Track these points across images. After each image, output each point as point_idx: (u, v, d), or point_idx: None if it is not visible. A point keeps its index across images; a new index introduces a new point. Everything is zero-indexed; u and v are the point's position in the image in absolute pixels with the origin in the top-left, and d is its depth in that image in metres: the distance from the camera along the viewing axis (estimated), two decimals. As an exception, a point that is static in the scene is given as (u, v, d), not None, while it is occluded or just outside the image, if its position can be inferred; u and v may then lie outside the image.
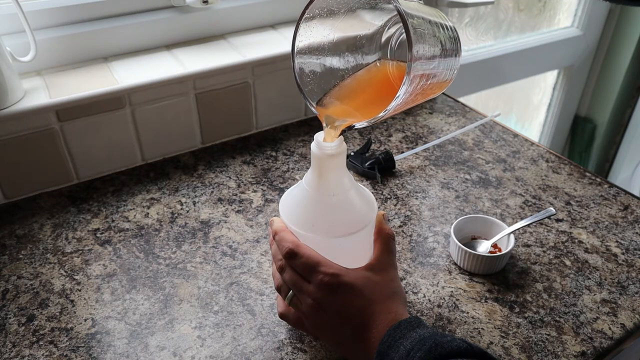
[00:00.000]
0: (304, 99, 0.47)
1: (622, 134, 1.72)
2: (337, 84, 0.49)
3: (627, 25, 1.54)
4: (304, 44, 0.46)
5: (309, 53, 0.46)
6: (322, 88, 0.48)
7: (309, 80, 0.47)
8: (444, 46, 0.44)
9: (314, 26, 0.45)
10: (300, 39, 0.45)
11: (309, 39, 0.46)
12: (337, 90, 0.49)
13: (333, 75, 0.48)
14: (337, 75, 0.48)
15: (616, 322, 0.59)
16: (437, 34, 0.43)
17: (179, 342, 0.56)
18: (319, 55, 0.47)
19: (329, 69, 0.48)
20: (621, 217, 0.75)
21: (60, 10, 0.77)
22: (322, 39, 0.46)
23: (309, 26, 0.45)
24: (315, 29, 0.45)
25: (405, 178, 0.82)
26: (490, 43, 1.38)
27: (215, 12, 0.87)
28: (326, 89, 0.48)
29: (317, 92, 0.48)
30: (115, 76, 0.76)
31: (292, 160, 0.86)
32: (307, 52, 0.46)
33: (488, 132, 0.94)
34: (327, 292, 0.47)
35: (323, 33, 0.46)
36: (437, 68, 0.44)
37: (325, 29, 0.46)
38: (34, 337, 0.56)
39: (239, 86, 0.86)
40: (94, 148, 0.78)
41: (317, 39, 0.46)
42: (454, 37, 0.47)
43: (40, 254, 0.67)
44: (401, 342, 0.43)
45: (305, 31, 0.45)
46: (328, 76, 0.48)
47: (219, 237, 0.70)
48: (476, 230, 0.68)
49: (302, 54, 0.46)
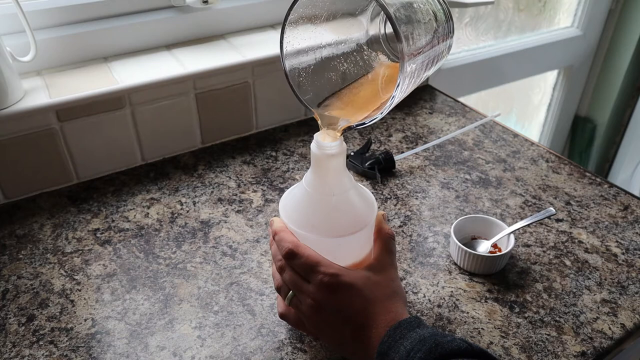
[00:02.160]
0: (301, 103, 0.47)
1: (622, 134, 1.72)
2: (333, 81, 0.48)
3: (627, 25, 1.54)
4: (292, 46, 0.45)
5: (297, 54, 0.46)
6: (316, 85, 0.48)
7: (302, 79, 0.47)
8: (437, 32, 0.43)
9: (300, 26, 0.44)
10: (288, 41, 0.45)
11: (297, 39, 0.45)
12: (335, 94, 0.48)
13: (325, 68, 0.47)
14: (329, 66, 0.48)
15: (616, 322, 0.59)
16: (428, 19, 0.42)
17: (179, 342, 0.56)
18: (309, 51, 0.46)
19: (321, 62, 0.47)
20: (621, 217, 0.75)
21: (60, 10, 0.77)
22: (310, 36, 0.46)
23: (294, 28, 0.44)
24: (301, 29, 0.45)
25: (405, 178, 0.82)
26: (490, 43, 1.37)
27: (215, 12, 0.87)
28: (320, 84, 0.48)
29: (312, 89, 0.47)
30: (115, 76, 0.76)
31: (292, 160, 0.86)
32: (296, 53, 0.46)
33: (488, 132, 0.94)
34: (326, 292, 0.47)
35: (309, 30, 0.45)
36: (430, 55, 0.43)
37: (310, 26, 0.45)
38: (34, 337, 0.56)
39: (239, 86, 0.86)
40: (94, 148, 0.78)
41: (305, 38, 0.45)
42: (446, 15, 0.45)
43: (40, 254, 0.67)
44: (401, 343, 0.43)
45: (291, 33, 0.44)
46: (321, 70, 0.47)
47: (219, 237, 0.70)
48: (476, 230, 0.68)
49: (291, 55, 0.46)
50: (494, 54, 1.35)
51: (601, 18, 1.54)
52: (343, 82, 0.48)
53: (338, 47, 0.47)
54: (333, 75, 0.48)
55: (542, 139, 1.72)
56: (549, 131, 1.70)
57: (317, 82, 0.48)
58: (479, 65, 1.33)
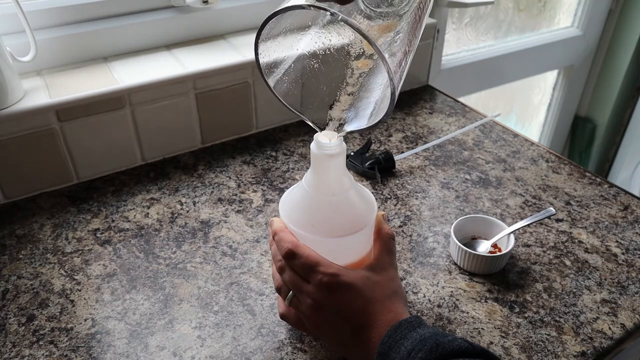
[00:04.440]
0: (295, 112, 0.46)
1: (622, 134, 1.72)
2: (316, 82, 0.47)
3: (627, 25, 1.54)
4: (269, 57, 0.44)
5: (275, 66, 0.45)
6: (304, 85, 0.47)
7: (287, 85, 0.47)
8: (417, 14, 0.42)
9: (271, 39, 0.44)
10: (263, 55, 0.44)
11: (272, 50, 0.45)
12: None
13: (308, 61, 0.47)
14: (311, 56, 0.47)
15: (616, 322, 0.59)
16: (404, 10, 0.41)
17: (179, 342, 0.56)
18: (286, 59, 0.46)
19: (301, 67, 0.47)
20: (621, 217, 0.75)
21: (60, 10, 0.77)
22: (284, 45, 0.45)
23: (266, 43, 0.44)
24: (273, 43, 0.44)
25: (405, 178, 0.82)
26: (490, 43, 1.38)
27: (215, 12, 0.87)
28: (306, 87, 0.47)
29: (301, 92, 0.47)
30: (115, 76, 0.76)
31: (292, 160, 0.86)
32: (274, 66, 0.45)
33: (488, 132, 0.94)
34: (326, 291, 0.47)
35: (282, 41, 0.44)
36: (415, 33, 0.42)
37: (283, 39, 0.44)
38: (34, 337, 0.56)
39: (239, 86, 0.86)
40: (94, 148, 0.78)
41: (281, 48, 0.45)
42: None
43: (40, 254, 0.67)
44: (402, 343, 0.43)
45: (265, 46, 0.44)
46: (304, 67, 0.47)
47: (219, 237, 0.70)
48: (476, 230, 0.68)
49: (270, 66, 0.45)
50: (494, 54, 1.35)
51: (601, 18, 1.54)
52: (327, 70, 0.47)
53: (314, 46, 0.46)
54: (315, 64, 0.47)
55: (542, 139, 1.72)
56: (549, 131, 1.70)
57: (303, 82, 0.47)
58: (479, 65, 1.33)
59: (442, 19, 1.12)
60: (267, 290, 0.62)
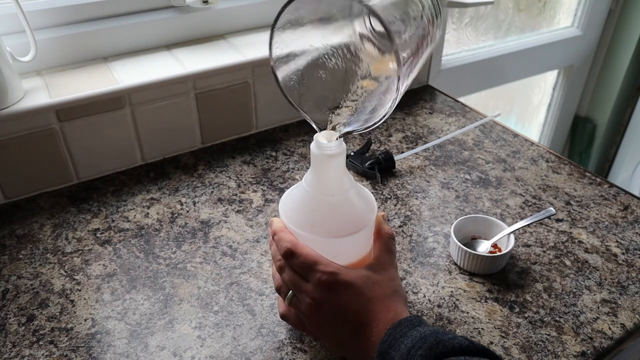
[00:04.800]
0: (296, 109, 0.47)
1: (622, 134, 1.72)
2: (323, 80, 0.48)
3: (627, 25, 1.54)
4: (281, 50, 0.44)
5: (287, 58, 0.45)
6: (308, 87, 0.47)
7: (293, 83, 0.47)
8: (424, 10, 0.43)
9: (287, 30, 0.44)
10: (277, 46, 0.44)
11: (285, 43, 0.45)
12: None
13: (315, 68, 0.47)
14: (318, 66, 0.47)
15: (616, 322, 0.59)
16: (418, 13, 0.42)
17: (179, 342, 0.56)
18: (298, 54, 0.46)
19: (310, 64, 0.47)
20: (621, 217, 0.75)
21: (60, 10, 0.77)
22: (298, 38, 0.45)
23: (282, 32, 0.44)
24: (288, 32, 0.44)
25: (405, 178, 0.82)
26: (490, 43, 1.38)
27: (215, 12, 0.87)
28: (312, 86, 0.47)
29: (305, 93, 0.47)
30: (115, 76, 0.76)
31: (292, 160, 0.86)
32: (285, 57, 0.45)
33: (488, 132, 0.94)
34: (325, 291, 0.47)
35: (297, 33, 0.44)
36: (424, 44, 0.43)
37: (298, 29, 0.44)
38: (34, 337, 0.57)
39: (239, 86, 0.86)
40: (94, 148, 0.78)
41: (293, 40, 0.45)
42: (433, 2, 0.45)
43: (40, 254, 0.67)
44: (402, 341, 0.43)
45: (279, 37, 0.44)
46: (311, 72, 0.47)
47: (219, 237, 0.70)
48: (476, 230, 0.68)
49: (281, 60, 0.45)
50: (494, 54, 1.35)
51: (601, 18, 1.54)
52: (333, 80, 0.48)
53: (326, 45, 0.46)
54: (322, 74, 0.47)
55: (542, 139, 1.72)
56: (549, 131, 1.70)
57: (308, 85, 0.48)
58: (479, 65, 1.33)
59: (442, 19, 1.12)
60: (267, 290, 0.62)
